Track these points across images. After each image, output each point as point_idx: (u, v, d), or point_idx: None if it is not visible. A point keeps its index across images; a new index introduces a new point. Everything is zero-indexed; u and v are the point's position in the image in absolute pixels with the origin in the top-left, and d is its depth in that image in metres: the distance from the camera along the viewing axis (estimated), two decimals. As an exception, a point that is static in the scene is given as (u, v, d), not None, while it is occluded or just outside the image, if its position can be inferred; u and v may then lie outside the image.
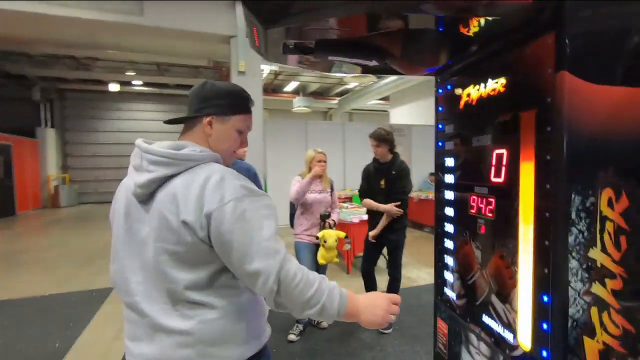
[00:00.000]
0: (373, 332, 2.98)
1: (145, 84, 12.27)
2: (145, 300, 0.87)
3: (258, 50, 1.17)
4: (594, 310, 0.87)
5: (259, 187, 1.94)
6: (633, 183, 0.87)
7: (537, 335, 0.94)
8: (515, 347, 1.02)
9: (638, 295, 0.88)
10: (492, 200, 1.11)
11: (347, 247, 3.63)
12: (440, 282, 1.47)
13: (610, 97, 0.85)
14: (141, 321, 0.88)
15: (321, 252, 2.79)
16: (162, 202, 0.85)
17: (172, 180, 0.86)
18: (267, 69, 9.49)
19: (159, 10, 5.00)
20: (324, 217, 2.91)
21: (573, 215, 0.85)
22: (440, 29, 1.04)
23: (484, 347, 1.17)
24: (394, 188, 2.95)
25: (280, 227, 1.05)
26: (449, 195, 1.39)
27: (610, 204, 0.86)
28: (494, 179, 1.10)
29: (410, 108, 10.27)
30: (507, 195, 1.04)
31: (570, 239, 0.85)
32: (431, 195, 7.15)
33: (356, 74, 8.40)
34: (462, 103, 1.27)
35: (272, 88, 13.10)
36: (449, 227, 1.39)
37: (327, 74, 10.99)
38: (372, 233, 3.02)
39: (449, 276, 1.41)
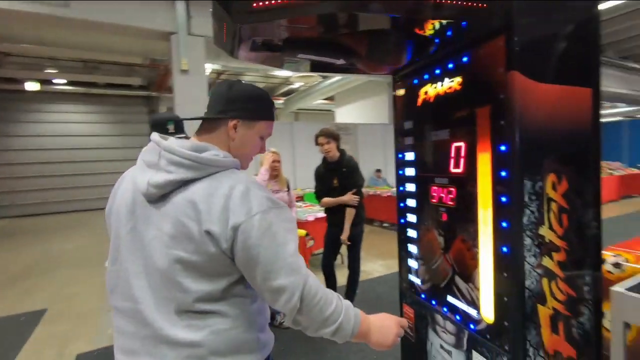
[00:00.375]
0: (335, 326, 3.04)
1: (70, 83, 11.13)
2: (149, 308, 0.80)
3: (224, 47, 1.14)
4: (544, 281, 0.99)
5: None
6: (570, 168, 1.00)
7: (499, 307, 1.04)
8: (479, 322, 1.13)
9: (577, 264, 1.02)
10: (453, 189, 1.21)
11: (311, 243, 3.67)
12: (404, 270, 1.56)
13: (550, 94, 0.97)
14: (140, 332, 0.81)
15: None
16: (179, 206, 0.80)
17: (191, 185, 0.81)
18: (208, 67, 9.14)
19: (88, 2, 4.58)
20: None
21: (525, 198, 0.96)
22: (400, 30, 1.11)
23: (450, 326, 1.27)
24: (347, 184, 3.04)
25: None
26: (410, 187, 1.47)
27: (554, 187, 0.99)
28: (453, 170, 1.20)
29: (355, 107, 10.59)
30: (466, 184, 1.14)
31: (524, 219, 0.96)
32: (379, 191, 7.46)
33: (302, 74, 8.45)
34: (419, 100, 1.36)
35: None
36: (412, 218, 1.48)
37: (272, 73, 10.92)
38: (344, 236, 3.06)
39: (413, 263, 1.50)
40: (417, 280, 1.47)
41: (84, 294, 4.14)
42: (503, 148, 0.98)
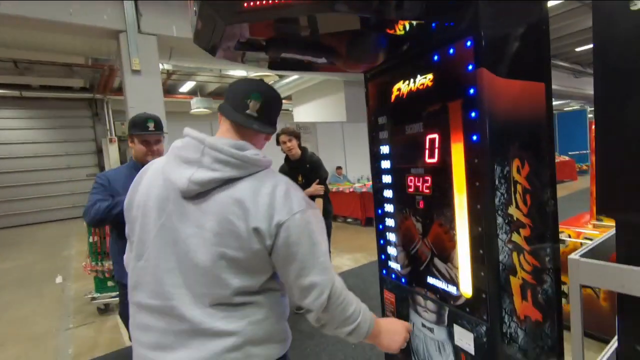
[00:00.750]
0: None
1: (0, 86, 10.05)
2: (185, 304, 0.82)
3: (205, 45, 1.14)
4: (514, 255, 1.12)
5: None
6: (530, 153, 1.13)
7: (476, 282, 1.15)
8: (458, 297, 1.23)
9: (540, 238, 1.16)
10: (429, 178, 1.31)
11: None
12: (384, 258, 1.65)
13: (512, 89, 1.09)
14: (174, 327, 0.82)
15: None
16: (224, 204, 0.82)
17: (235, 183, 0.83)
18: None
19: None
20: None
21: (496, 182, 1.08)
22: (375, 30, 1.18)
23: (430, 305, 1.37)
24: (312, 179, 3.11)
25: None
26: (387, 179, 1.56)
27: (518, 170, 1.11)
28: (428, 160, 1.30)
29: (313, 106, 10.69)
30: (442, 172, 1.24)
31: (496, 201, 1.08)
32: (342, 188, 7.62)
33: (260, 73, 8.35)
34: (393, 97, 1.45)
35: (165, 89, 12.06)
36: (389, 208, 1.57)
37: (226, 73, 10.67)
38: None
39: (392, 250, 1.59)
40: (396, 266, 1.56)
41: (32, 316, 3.80)
42: (475, 138, 1.09)
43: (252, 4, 0.86)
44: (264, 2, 0.86)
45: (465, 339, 1.22)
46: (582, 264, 1.08)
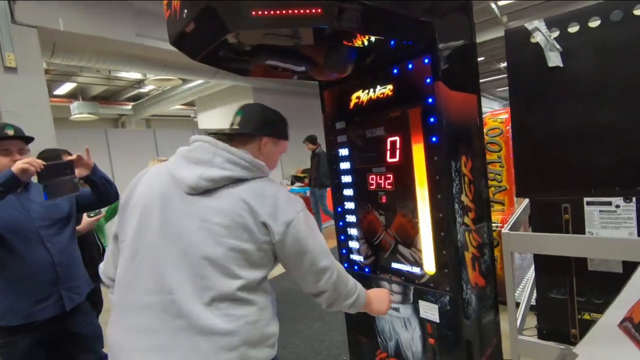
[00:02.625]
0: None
1: None
2: (185, 298, 0.81)
3: (184, 48, 1.10)
4: (466, 234, 1.37)
5: None
6: (471, 151, 1.40)
7: (439, 261, 1.37)
8: (422, 276, 1.44)
9: (480, 219, 1.44)
10: (391, 175, 1.49)
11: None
12: (345, 252, 1.78)
13: (458, 99, 1.35)
14: (170, 325, 0.81)
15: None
16: (233, 200, 0.89)
17: (243, 183, 0.92)
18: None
19: None
20: None
21: (452, 175, 1.31)
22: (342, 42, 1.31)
23: (395, 287, 1.55)
24: None
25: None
26: (347, 179, 1.70)
27: (465, 165, 1.37)
28: (390, 160, 1.48)
29: (220, 113, 10.31)
30: (403, 169, 1.43)
31: (453, 190, 1.31)
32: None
33: (160, 77, 7.70)
34: (351, 104, 1.60)
35: (33, 90, 10.14)
36: (349, 205, 1.71)
37: (116, 75, 9.54)
38: None
39: (354, 244, 1.73)
40: (359, 258, 1.71)
41: None
42: (434, 139, 1.30)
43: (260, 12, 0.90)
44: (272, 11, 0.90)
45: (430, 311, 1.43)
46: (512, 236, 1.39)
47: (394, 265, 1.54)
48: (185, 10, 0.97)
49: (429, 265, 1.40)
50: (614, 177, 1.25)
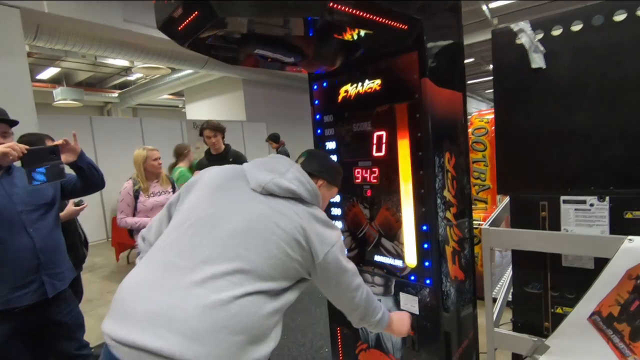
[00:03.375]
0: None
1: None
2: (214, 274, 0.88)
3: (173, 34, 1.09)
4: (448, 228, 1.40)
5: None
6: (455, 148, 1.44)
7: (420, 254, 1.40)
8: (404, 269, 1.47)
9: (462, 214, 1.48)
10: (376, 169, 1.51)
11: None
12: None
13: (444, 95, 1.37)
14: (186, 290, 0.86)
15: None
16: (291, 213, 0.99)
17: (301, 203, 1.04)
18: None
19: None
20: None
21: (436, 171, 1.33)
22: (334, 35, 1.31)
23: (378, 279, 1.58)
24: None
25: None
26: (333, 172, 1.71)
27: (449, 161, 1.40)
28: (376, 154, 1.50)
29: (209, 104, 10.19)
30: (389, 164, 1.45)
31: (436, 185, 1.34)
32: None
33: (147, 65, 7.55)
34: (340, 98, 1.61)
35: (15, 74, 9.82)
36: (335, 198, 1.72)
37: (102, 62, 9.31)
38: None
39: (338, 237, 1.75)
40: (343, 251, 1.73)
41: None
42: (419, 135, 1.33)
43: None
44: None
45: (410, 303, 1.46)
46: (491, 231, 1.43)
47: (377, 258, 1.57)
48: (174, -5, 0.97)
49: (411, 258, 1.43)
50: (589, 177, 1.30)
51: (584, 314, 1.24)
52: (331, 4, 0.95)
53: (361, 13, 1.06)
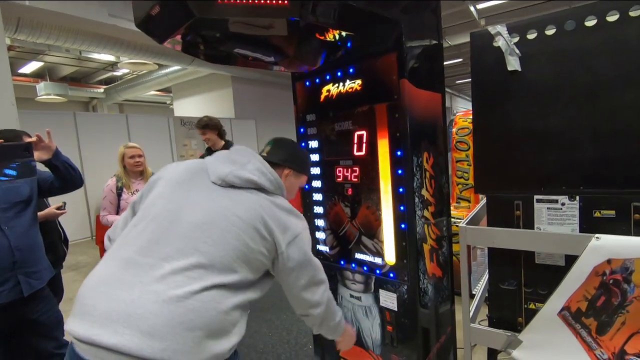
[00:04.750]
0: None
1: None
2: (173, 269, 0.88)
3: (151, 31, 1.09)
4: (425, 227, 1.43)
5: None
6: (433, 148, 1.46)
7: (399, 251, 1.42)
8: (383, 266, 1.49)
9: (440, 213, 1.51)
10: (357, 168, 1.53)
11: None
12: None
13: (422, 96, 1.40)
14: (146, 287, 0.85)
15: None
16: (252, 204, 0.98)
17: (263, 193, 1.02)
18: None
19: None
20: None
21: (414, 170, 1.36)
22: (315, 34, 1.32)
23: (358, 276, 1.60)
24: None
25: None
26: (315, 170, 1.72)
27: (427, 161, 1.42)
28: (356, 153, 1.52)
29: (197, 101, 10.09)
30: (369, 163, 1.47)
31: (414, 185, 1.36)
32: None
33: (134, 60, 7.44)
34: (322, 97, 1.62)
35: (-4, 67, 9.55)
36: (317, 196, 1.74)
37: (87, 56, 9.13)
38: None
39: (320, 235, 1.77)
40: (325, 248, 1.75)
41: None
42: (398, 134, 1.35)
43: (226, 0, 0.90)
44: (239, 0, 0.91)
45: (389, 300, 1.49)
46: (469, 229, 1.46)
47: (358, 255, 1.59)
48: (153, -7, 0.96)
49: (390, 256, 1.46)
50: (561, 177, 1.34)
51: (554, 309, 1.28)
52: (308, 5, 0.96)
53: (337, 14, 1.08)
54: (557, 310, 1.28)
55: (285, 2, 0.94)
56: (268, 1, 0.93)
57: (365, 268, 1.57)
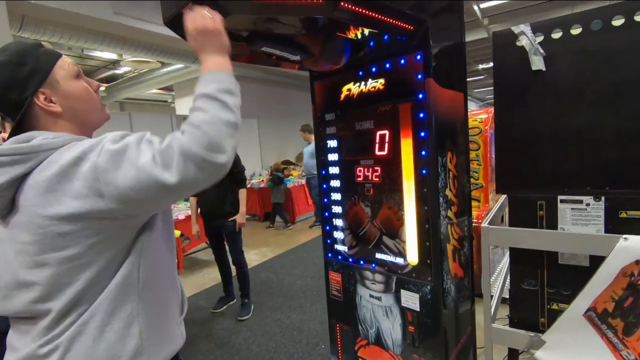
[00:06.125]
0: (235, 320, 3.06)
1: None
2: None
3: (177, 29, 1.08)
4: (449, 227, 1.42)
5: None
6: (456, 148, 1.46)
7: (422, 252, 1.42)
8: (405, 267, 1.49)
9: (462, 213, 1.50)
10: (378, 168, 1.52)
11: (186, 242, 3.45)
12: (329, 242, 1.80)
13: (447, 96, 1.39)
14: None
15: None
16: (25, 207, 0.70)
17: (27, 179, 0.70)
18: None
19: None
20: None
21: (438, 170, 1.35)
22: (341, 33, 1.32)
23: (379, 277, 1.60)
24: (232, 173, 3.07)
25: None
26: (334, 170, 1.72)
27: (450, 161, 1.42)
28: (378, 153, 1.51)
29: (199, 99, 10.05)
30: (391, 163, 1.47)
31: (438, 185, 1.36)
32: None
33: (136, 58, 7.40)
34: (342, 96, 1.61)
35: None
36: (336, 196, 1.73)
37: (89, 54, 9.09)
38: (241, 220, 3.12)
39: (339, 235, 1.76)
40: (343, 248, 1.75)
41: None
42: (423, 134, 1.34)
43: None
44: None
45: (411, 300, 1.48)
46: (491, 230, 1.46)
47: (378, 255, 1.59)
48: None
49: (412, 256, 1.45)
50: (585, 178, 1.33)
51: (580, 310, 1.28)
52: (342, 4, 0.95)
53: (368, 13, 1.07)
54: (583, 310, 1.27)
55: (320, 0, 0.93)
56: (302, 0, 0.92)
57: (385, 268, 1.56)
